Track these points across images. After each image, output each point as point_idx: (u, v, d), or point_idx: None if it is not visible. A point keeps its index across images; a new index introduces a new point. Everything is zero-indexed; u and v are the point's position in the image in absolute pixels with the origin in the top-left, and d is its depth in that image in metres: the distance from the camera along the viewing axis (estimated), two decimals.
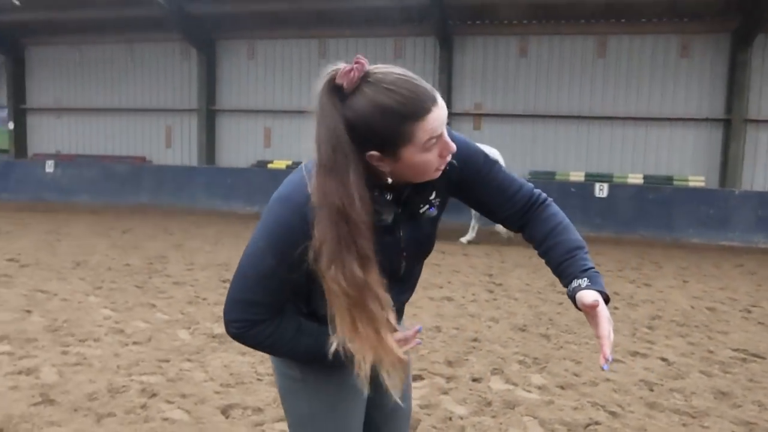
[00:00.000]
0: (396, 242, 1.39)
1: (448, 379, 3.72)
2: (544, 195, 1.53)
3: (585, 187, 11.06)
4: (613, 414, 3.26)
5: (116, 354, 3.94)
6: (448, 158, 1.29)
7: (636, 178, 11.44)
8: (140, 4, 12.52)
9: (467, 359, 4.09)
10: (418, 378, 3.70)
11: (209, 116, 13.85)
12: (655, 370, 3.95)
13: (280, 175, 12.77)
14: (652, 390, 3.62)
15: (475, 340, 4.52)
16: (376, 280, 1.21)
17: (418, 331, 1.34)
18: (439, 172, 1.31)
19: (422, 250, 1.49)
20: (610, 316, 1.32)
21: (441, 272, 7.16)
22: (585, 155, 11.81)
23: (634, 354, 4.28)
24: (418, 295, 5.89)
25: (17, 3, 13.07)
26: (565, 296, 6.23)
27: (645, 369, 3.97)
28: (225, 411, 3.13)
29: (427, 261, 1.56)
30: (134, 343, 4.19)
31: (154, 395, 3.28)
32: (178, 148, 14.42)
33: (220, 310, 4.18)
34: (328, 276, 1.19)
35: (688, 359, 4.19)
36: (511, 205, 1.48)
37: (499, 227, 21.81)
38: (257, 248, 1.29)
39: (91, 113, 14.74)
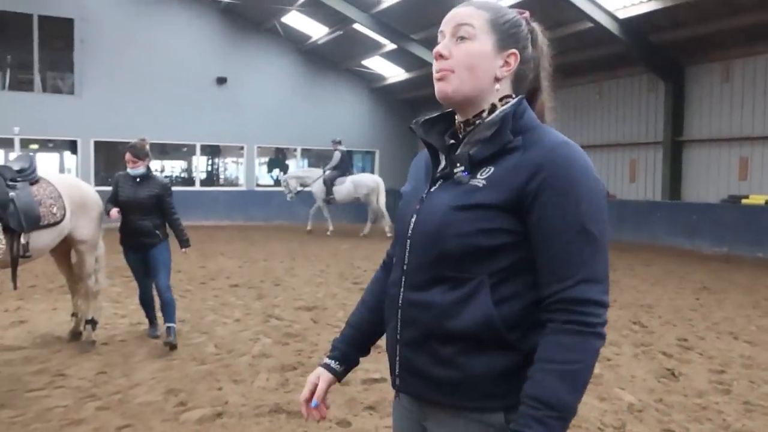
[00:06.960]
0: (420, 193, 1.36)
1: None
2: (590, 320, 1.13)
3: None
4: None
5: None
6: (439, 64, 1.30)
7: None
8: (605, 44, 12.86)
9: None
10: None
11: (675, 148, 12.95)
12: None
13: (757, 211, 10.86)
14: None
15: None
16: None
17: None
18: (440, 82, 1.29)
19: (432, 227, 1.26)
20: None
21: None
22: None
23: None
24: None
25: None
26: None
27: None
28: None
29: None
30: None
31: None
32: (642, 182, 14.00)
33: None
34: None
35: None
36: (545, 276, 1.19)
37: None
38: None
39: None
